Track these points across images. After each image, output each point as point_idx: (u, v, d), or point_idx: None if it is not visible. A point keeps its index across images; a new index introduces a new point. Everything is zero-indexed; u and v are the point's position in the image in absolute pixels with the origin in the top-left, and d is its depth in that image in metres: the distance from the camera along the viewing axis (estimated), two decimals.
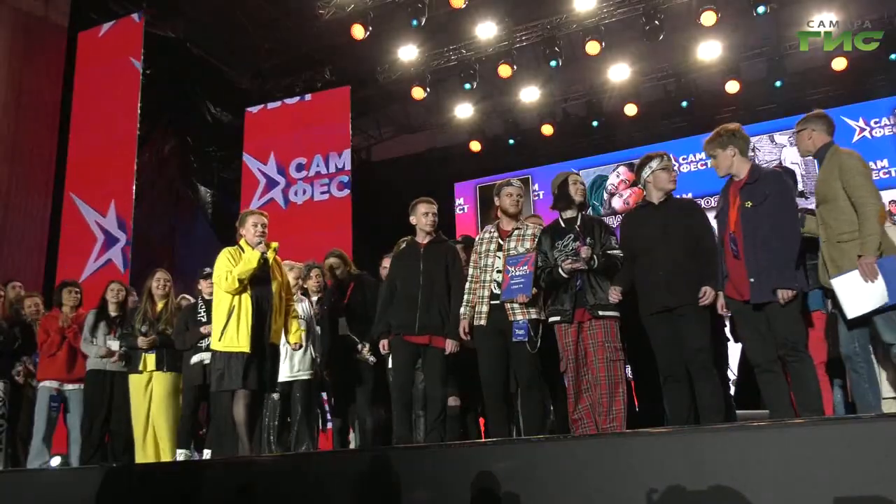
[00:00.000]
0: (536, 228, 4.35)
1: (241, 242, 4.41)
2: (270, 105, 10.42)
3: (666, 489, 2.48)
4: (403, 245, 4.82)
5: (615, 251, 4.03)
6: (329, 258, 5.42)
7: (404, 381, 4.38)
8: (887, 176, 9.72)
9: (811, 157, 3.72)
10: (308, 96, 10.28)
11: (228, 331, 4.20)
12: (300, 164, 9.83)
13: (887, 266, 3.28)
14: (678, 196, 4.19)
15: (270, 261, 4.39)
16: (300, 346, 4.65)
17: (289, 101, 10.33)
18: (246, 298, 4.25)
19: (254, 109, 10.40)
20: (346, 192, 9.49)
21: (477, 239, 4.48)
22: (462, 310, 4.33)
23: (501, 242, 4.31)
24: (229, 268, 4.25)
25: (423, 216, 4.49)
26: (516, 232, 4.30)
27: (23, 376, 5.76)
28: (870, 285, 3.27)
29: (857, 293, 3.32)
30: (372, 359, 5.01)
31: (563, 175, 4.25)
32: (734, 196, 3.64)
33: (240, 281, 4.22)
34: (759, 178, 3.61)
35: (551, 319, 4.04)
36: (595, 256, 3.93)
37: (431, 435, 4.19)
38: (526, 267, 4.07)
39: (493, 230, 4.42)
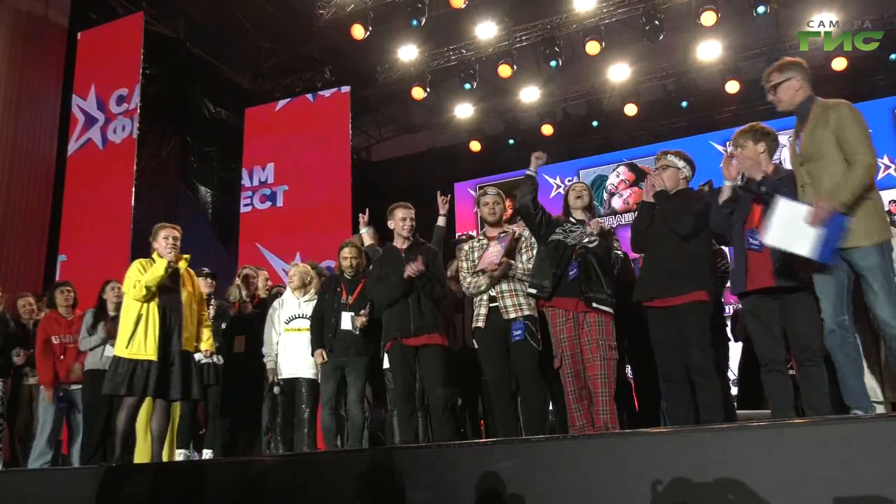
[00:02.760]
0: (526, 231, 4.37)
1: (154, 254, 4.53)
2: (271, 105, 10.42)
3: (666, 489, 2.48)
4: (383, 249, 4.78)
5: (617, 252, 4.11)
6: (345, 247, 5.13)
7: (408, 387, 4.36)
8: None
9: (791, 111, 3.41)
10: (308, 96, 10.28)
11: (136, 339, 4.29)
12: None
13: (836, 223, 3.02)
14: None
15: (182, 271, 4.53)
16: (211, 354, 4.78)
17: (289, 101, 10.33)
18: (153, 307, 4.36)
19: (254, 109, 10.40)
20: (269, 204, 9.72)
21: (467, 247, 4.46)
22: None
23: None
24: (139, 277, 4.36)
25: (400, 221, 4.52)
26: (502, 235, 4.31)
27: (23, 357, 5.74)
28: (806, 228, 3.06)
29: (790, 225, 3.10)
30: (356, 325, 4.87)
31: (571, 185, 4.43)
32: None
33: (147, 289, 4.32)
34: (785, 176, 3.61)
35: (530, 291, 4.07)
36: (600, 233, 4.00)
37: (441, 433, 4.19)
38: (503, 245, 4.16)
39: (481, 237, 4.46)
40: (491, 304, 4.18)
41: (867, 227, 3.05)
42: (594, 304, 3.93)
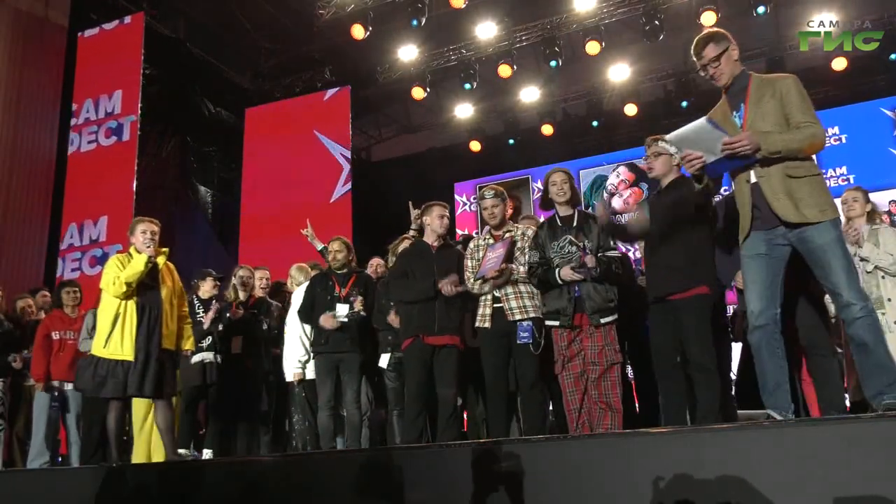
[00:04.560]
0: (529, 230, 4.35)
1: (131, 249, 4.40)
2: (271, 105, 10.42)
3: (666, 489, 2.48)
4: (410, 244, 4.80)
5: (613, 252, 4.05)
6: (333, 242, 5.23)
7: (420, 385, 4.31)
8: (845, 182, 9.62)
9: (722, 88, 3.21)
10: (308, 96, 10.27)
11: (113, 338, 4.19)
12: None
13: (723, 163, 3.00)
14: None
15: (161, 266, 4.41)
16: (193, 353, 4.72)
17: (289, 100, 10.32)
18: (131, 305, 4.24)
19: (254, 109, 10.39)
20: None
21: (472, 245, 4.46)
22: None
23: None
24: (117, 273, 4.23)
25: (437, 218, 4.52)
26: (507, 235, 4.30)
27: (20, 362, 5.74)
28: (716, 147, 2.94)
29: (699, 138, 2.99)
30: (356, 307, 4.90)
31: (548, 174, 4.28)
32: None
33: (127, 285, 4.21)
34: None
35: (549, 323, 4.03)
36: (598, 264, 3.92)
37: (446, 434, 4.17)
38: (501, 250, 4.13)
39: (487, 237, 4.44)
40: (495, 305, 4.18)
41: (820, 202, 2.84)
42: (602, 321, 3.91)
